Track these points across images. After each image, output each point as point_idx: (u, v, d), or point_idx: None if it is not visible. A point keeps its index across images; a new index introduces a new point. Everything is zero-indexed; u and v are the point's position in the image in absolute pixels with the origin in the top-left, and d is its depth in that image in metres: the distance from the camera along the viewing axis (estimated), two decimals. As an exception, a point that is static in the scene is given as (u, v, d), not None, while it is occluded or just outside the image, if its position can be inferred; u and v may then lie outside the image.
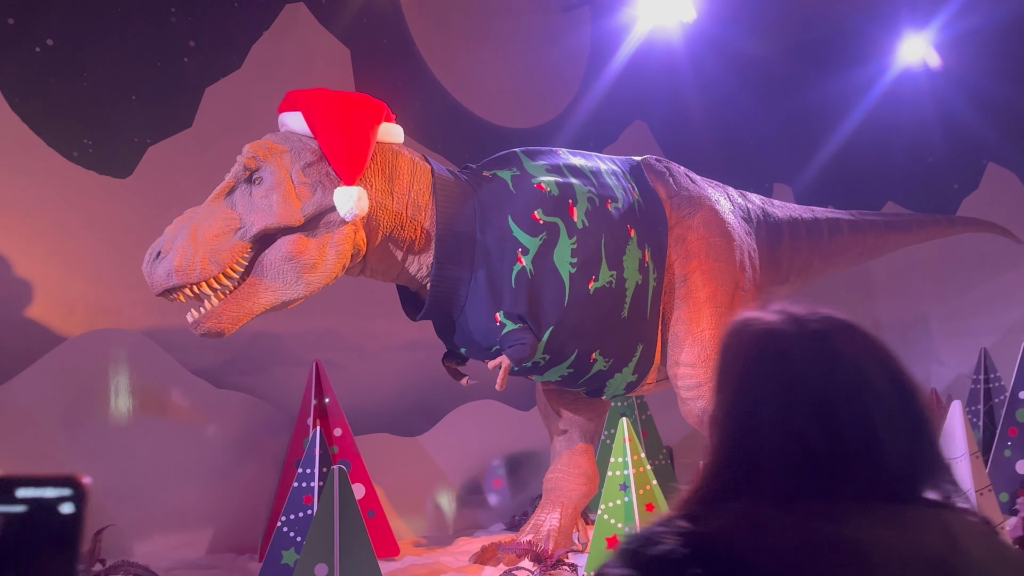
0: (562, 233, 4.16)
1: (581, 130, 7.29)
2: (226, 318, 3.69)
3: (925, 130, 9.24)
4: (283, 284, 3.76)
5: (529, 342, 4.04)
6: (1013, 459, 5.64)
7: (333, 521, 2.75)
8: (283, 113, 4.00)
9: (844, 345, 1.23)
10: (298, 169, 3.79)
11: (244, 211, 3.74)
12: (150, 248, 3.69)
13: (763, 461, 1.18)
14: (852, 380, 1.20)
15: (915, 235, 6.56)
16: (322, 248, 3.78)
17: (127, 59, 5.11)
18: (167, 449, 4.97)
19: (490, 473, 6.13)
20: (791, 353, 1.22)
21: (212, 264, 3.60)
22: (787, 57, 9.11)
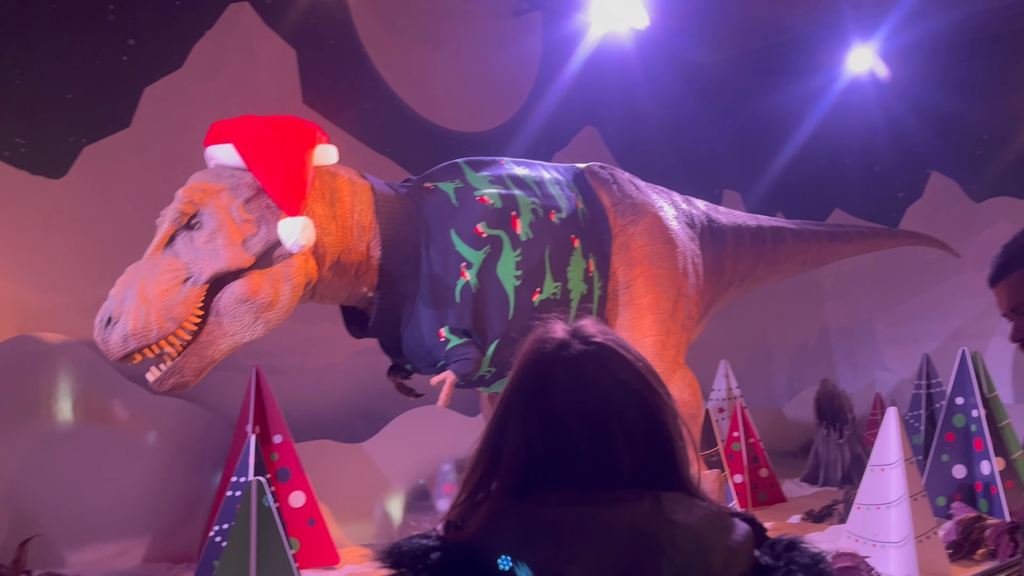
0: (506, 246, 4.14)
1: (532, 135, 7.28)
2: (188, 371, 3.61)
3: (872, 139, 9.40)
4: (241, 327, 3.67)
5: (474, 356, 4.02)
6: (950, 464, 5.74)
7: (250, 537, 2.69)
8: (211, 146, 3.84)
9: (591, 368, 1.40)
10: (238, 206, 3.68)
11: (189, 259, 3.61)
12: (99, 315, 3.53)
13: (503, 461, 1.39)
14: (591, 399, 1.38)
15: (857, 246, 6.66)
16: (276, 284, 3.69)
17: (63, 56, 4.98)
18: (102, 457, 4.85)
19: (435, 480, 6.08)
20: (545, 371, 1.42)
21: (168, 321, 3.49)
22: (738, 65, 9.20)
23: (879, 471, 4.24)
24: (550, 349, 1.44)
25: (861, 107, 9.35)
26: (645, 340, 4.55)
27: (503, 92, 7.26)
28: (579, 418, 1.36)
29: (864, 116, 9.38)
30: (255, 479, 2.83)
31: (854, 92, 9.20)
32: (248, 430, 4.94)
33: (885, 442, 4.22)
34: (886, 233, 7.10)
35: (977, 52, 8.79)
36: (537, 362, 1.44)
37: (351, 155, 4.97)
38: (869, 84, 9.15)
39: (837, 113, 9.29)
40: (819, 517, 5.87)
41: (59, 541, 4.67)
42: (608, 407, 1.37)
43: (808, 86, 9.19)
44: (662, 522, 1.31)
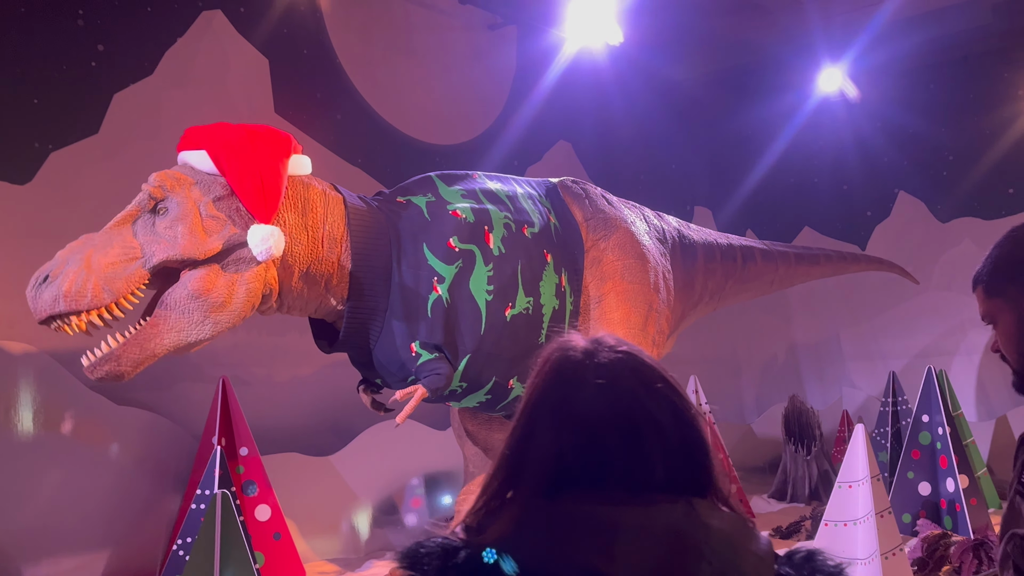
0: (478, 260, 4.12)
1: (505, 149, 7.29)
2: (125, 360, 3.46)
3: (841, 158, 9.52)
4: (188, 323, 3.55)
5: (445, 372, 3.99)
6: (916, 481, 5.79)
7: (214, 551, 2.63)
8: (184, 152, 3.78)
9: (624, 376, 1.41)
10: (207, 202, 3.62)
11: (145, 241, 3.52)
12: (37, 272, 3.41)
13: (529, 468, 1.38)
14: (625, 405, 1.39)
15: (823, 268, 6.75)
16: (231, 286, 3.59)
17: (29, 61, 4.90)
18: (62, 468, 4.75)
19: (403, 493, 6.03)
20: (574, 380, 1.42)
21: (104, 292, 3.35)
22: (711, 83, 9.29)
23: (846, 488, 4.26)
24: (577, 357, 1.43)
25: (831, 127, 9.48)
26: (616, 355, 4.55)
27: (477, 105, 7.27)
28: (613, 424, 1.37)
29: (833, 136, 9.51)
30: (220, 491, 2.77)
31: (824, 112, 9.33)
32: (214, 442, 4.87)
33: (853, 459, 4.24)
34: (851, 257, 7.23)
35: (943, 74, 8.95)
36: (563, 371, 1.43)
37: (323, 165, 4.93)
38: (839, 104, 9.28)
39: (807, 132, 9.41)
40: (787, 533, 5.89)
41: (16, 555, 4.56)
42: (643, 413, 1.38)
43: (779, 105, 9.30)
44: (698, 526, 1.32)
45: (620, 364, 1.42)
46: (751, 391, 9.43)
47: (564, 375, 1.42)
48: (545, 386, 1.43)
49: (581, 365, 1.42)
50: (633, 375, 1.41)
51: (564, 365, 1.43)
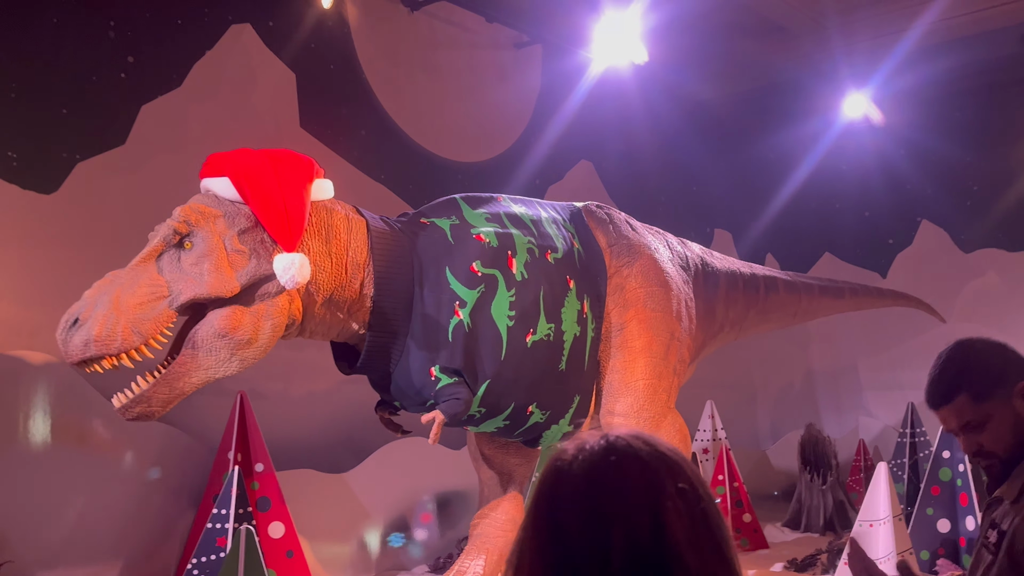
0: (500, 285, 4.09)
1: (528, 168, 7.28)
2: (156, 401, 3.47)
3: (865, 185, 9.46)
4: (216, 362, 3.55)
5: (464, 397, 3.95)
6: (935, 518, 5.72)
7: (235, 587, 2.63)
8: (207, 179, 3.74)
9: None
10: (232, 236, 3.58)
11: (172, 278, 3.50)
12: (67, 314, 3.38)
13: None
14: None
15: (847, 302, 6.67)
16: (257, 322, 3.57)
17: (60, 71, 4.93)
18: (80, 479, 4.75)
19: (416, 513, 6.00)
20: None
21: (134, 335, 3.35)
22: (735, 105, 9.26)
23: (867, 526, 4.21)
24: (566, 458, 1.29)
25: (854, 152, 9.42)
26: (638, 384, 4.51)
27: (501, 124, 7.26)
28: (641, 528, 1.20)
29: (857, 162, 9.46)
30: (244, 527, 2.75)
31: (848, 137, 9.27)
32: (230, 457, 4.87)
33: (875, 498, 4.19)
34: (875, 292, 7.11)
35: (970, 102, 8.89)
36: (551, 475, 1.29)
37: (346, 181, 4.94)
38: (863, 130, 9.22)
39: (831, 157, 9.36)
40: (802, 566, 5.82)
41: (33, 564, 4.56)
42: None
43: (803, 129, 9.26)
44: None
45: (611, 468, 1.25)
46: (766, 417, 9.36)
47: (550, 486, 1.27)
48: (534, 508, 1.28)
49: (567, 471, 1.26)
50: (624, 482, 1.23)
51: (552, 470, 1.29)
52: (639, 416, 4.50)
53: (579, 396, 4.45)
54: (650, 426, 4.50)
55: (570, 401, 4.42)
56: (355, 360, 4.12)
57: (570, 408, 4.44)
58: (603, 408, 4.58)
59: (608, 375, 4.56)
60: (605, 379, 4.56)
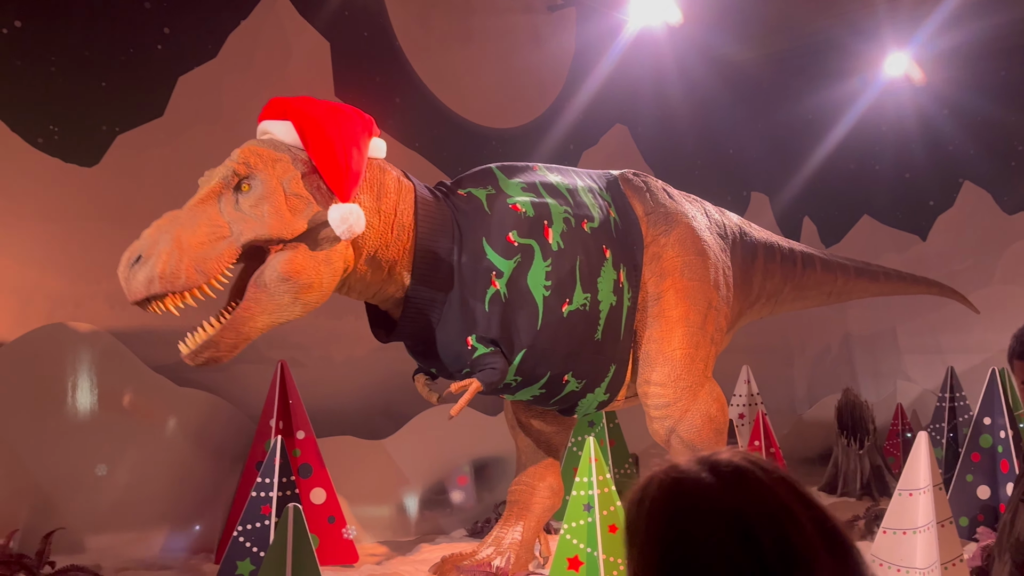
0: (536, 255, 4.09)
1: (562, 133, 7.23)
2: (223, 346, 3.48)
3: (905, 145, 9.28)
4: (279, 306, 3.57)
5: (500, 367, 3.98)
6: (975, 484, 5.68)
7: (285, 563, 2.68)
8: (267, 121, 3.75)
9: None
10: (291, 180, 3.59)
11: (232, 219, 3.49)
12: (127, 252, 3.36)
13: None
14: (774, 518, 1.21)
15: (882, 286, 6.60)
16: (317, 266, 3.60)
17: (98, 44, 4.96)
18: (125, 446, 4.87)
19: (454, 478, 6.07)
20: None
21: (198, 273, 3.33)
22: (772, 66, 9.09)
23: (907, 496, 4.19)
24: (690, 476, 1.26)
25: (894, 113, 9.23)
26: (675, 353, 4.51)
27: (535, 89, 7.20)
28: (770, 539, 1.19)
29: (897, 122, 9.27)
30: (292, 506, 2.81)
31: (888, 97, 9.08)
32: (271, 424, 4.95)
33: (915, 467, 4.16)
34: (911, 278, 7.00)
35: (1016, 60, 8.65)
36: (675, 498, 1.24)
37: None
38: (904, 89, 9.02)
39: (870, 118, 9.18)
40: (839, 532, 5.82)
41: (79, 527, 4.70)
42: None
43: (841, 89, 9.07)
44: None
45: (737, 484, 1.24)
46: (803, 382, 9.31)
47: (676, 508, 1.23)
48: (654, 522, 1.24)
49: (696, 487, 1.24)
50: (754, 497, 1.23)
51: (676, 493, 1.24)
52: (676, 385, 4.50)
53: (615, 366, 4.46)
54: (687, 395, 4.50)
55: (606, 370, 4.43)
56: (392, 328, 4.15)
57: (606, 377, 4.45)
58: (640, 378, 4.59)
59: (645, 345, 4.56)
60: (642, 349, 4.57)
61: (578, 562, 4.04)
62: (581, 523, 4.08)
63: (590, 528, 4.05)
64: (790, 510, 1.23)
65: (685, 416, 4.51)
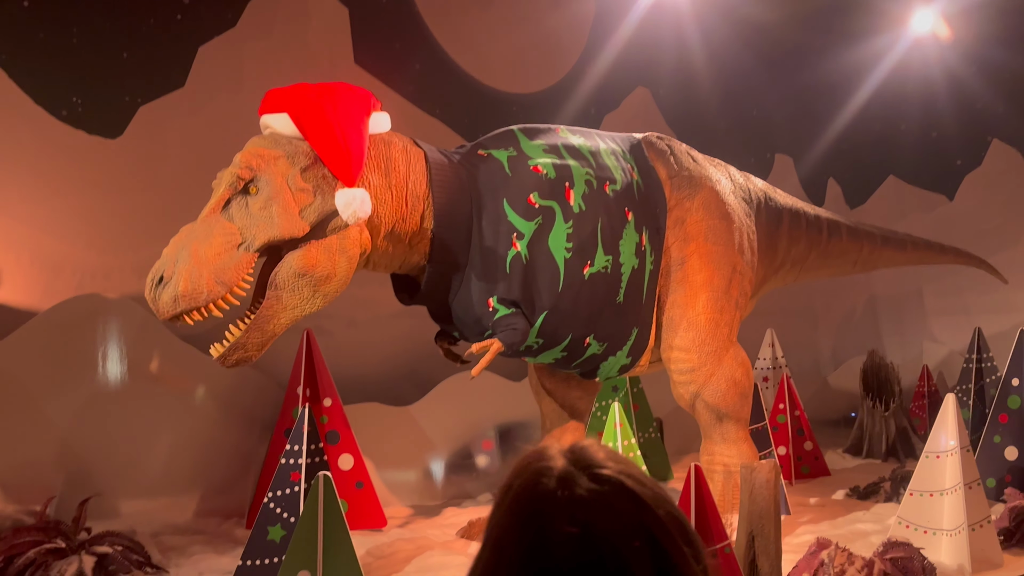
0: (558, 217, 4.08)
1: (583, 97, 7.16)
2: (251, 346, 3.62)
3: (932, 104, 9.11)
4: (300, 300, 3.66)
5: (521, 327, 3.99)
6: (1002, 445, 5.65)
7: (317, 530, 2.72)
8: (266, 115, 3.78)
9: (602, 522, 1.11)
10: (295, 175, 3.64)
11: (243, 224, 3.58)
12: (151, 272, 3.50)
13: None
14: (598, 561, 1.09)
15: (909, 255, 6.52)
16: (332, 256, 3.66)
17: (118, 15, 4.97)
18: (156, 414, 4.95)
19: (480, 443, 6.13)
20: (543, 522, 1.12)
21: (219, 285, 3.47)
22: (795, 25, 8.92)
23: (934, 458, 4.18)
24: (550, 487, 1.13)
25: (921, 71, 9.05)
26: (699, 318, 4.50)
27: (555, 53, 7.13)
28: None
29: (923, 80, 9.09)
30: (322, 475, 2.84)
31: (914, 55, 8.90)
32: (299, 392, 5.00)
33: (942, 429, 4.15)
34: (938, 247, 6.88)
35: (1047, 14, 8.45)
36: (532, 506, 1.13)
37: (401, 117, 4.92)
38: (930, 46, 8.84)
39: (895, 77, 9.01)
40: (864, 494, 5.82)
41: (113, 493, 4.80)
42: (619, 569, 1.08)
43: (866, 49, 8.90)
44: None
45: (601, 501, 1.12)
46: (828, 344, 9.27)
47: (532, 513, 1.12)
48: (509, 525, 1.14)
49: (554, 500, 1.12)
50: (616, 518, 1.11)
51: (534, 497, 1.13)
52: (701, 351, 4.50)
53: (637, 329, 4.46)
54: (712, 360, 4.50)
55: (628, 334, 4.43)
56: (415, 291, 4.17)
57: (628, 341, 4.45)
58: (664, 343, 4.59)
59: (669, 310, 4.55)
60: (666, 314, 4.56)
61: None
62: (607, 487, 4.11)
63: (616, 492, 4.08)
64: (652, 540, 1.11)
65: (710, 381, 4.51)
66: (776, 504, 3.62)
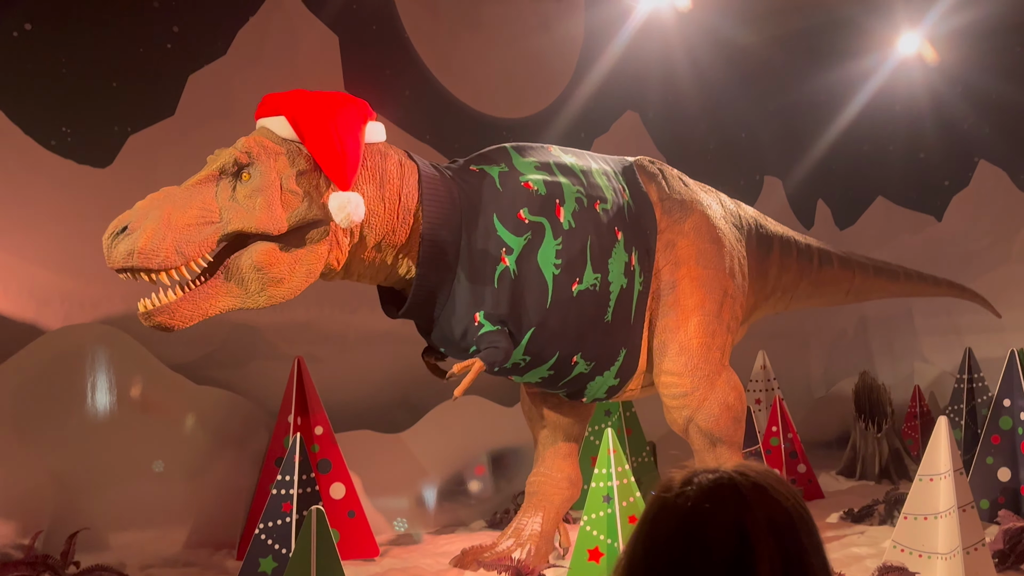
0: (547, 233, 4.08)
1: (572, 120, 7.20)
2: (179, 315, 3.47)
3: (919, 125, 9.19)
4: (245, 292, 3.58)
5: (504, 346, 3.95)
6: (995, 467, 5.65)
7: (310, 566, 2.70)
8: (263, 119, 3.77)
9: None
10: (290, 176, 3.60)
11: (224, 206, 3.51)
12: (116, 220, 3.40)
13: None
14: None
15: (901, 286, 6.50)
16: (293, 264, 3.61)
17: (108, 44, 4.97)
18: (145, 445, 4.91)
19: (472, 470, 6.09)
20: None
21: (176, 254, 3.36)
22: (782, 48, 9.00)
23: (927, 481, 4.17)
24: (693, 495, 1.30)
25: (907, 92, 9.14)
26: (691, 342, 4.50)
27: (544, 77, 7.17)
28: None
29: (910, 101, 9.18)
30: (315, 508, 2.82)
31: (900, 76, 8.98)
32: (290, 421, 4.97)
33: (935, 452, 4.15)
34: (931, 279, 6.83)
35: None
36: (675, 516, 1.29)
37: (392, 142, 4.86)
38: (916, 68, 8.93)
39: (882, 98, 9.09)
40: (858, 517, 5.81)
41: (102, 526, 4.74)
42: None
43: (853, 70, 8.98)
44: None
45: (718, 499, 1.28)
46: (819, 365, 9.28)
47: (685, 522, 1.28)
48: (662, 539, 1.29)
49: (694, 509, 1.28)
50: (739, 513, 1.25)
51: (673, 511, 1.30)
52: (693, 375, 4.49)
53: (625, 350, 4.44)
54: (704, 384, 4.49)
55: (616, 354, 4.42)
56: (401, 305, 4.13)
57: (616, 361, 4.43)
58: (656, 367, 4.58)
59: (661, 334, 4.54)
60: (658, 338, 4.55)
61: (598, 553, 4.06)
62: (601, 514, 4.09)
63: (610, 519, 4.06)
64: (746, 540, 1.22)
65: (703, 405, 4.50)
66: (771, 530, 3.60)
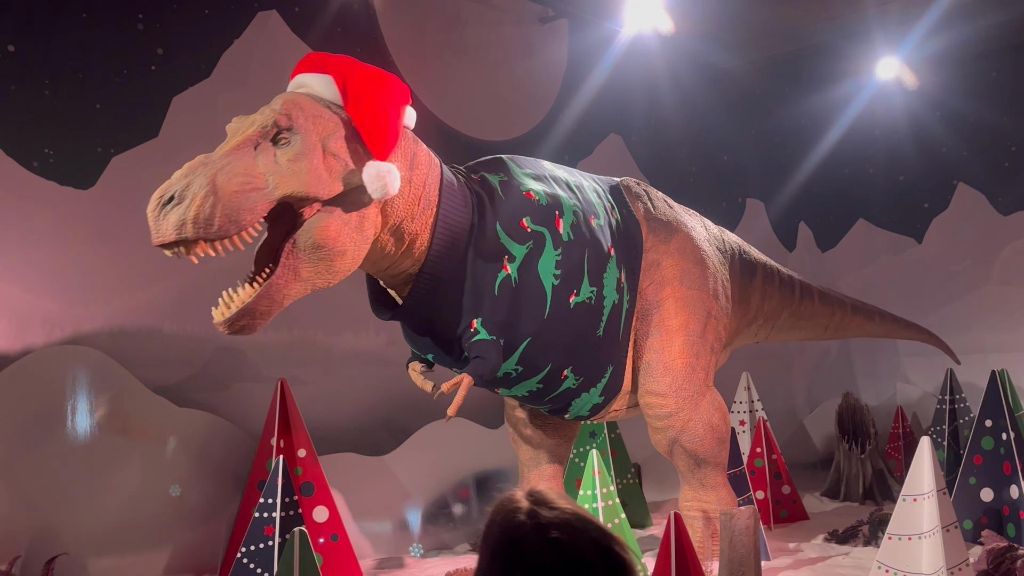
0: (548, 243, 4.08)
1: (556, 143, 7.24)
2: (260, 312, 3.33)
3: (898, 149, 9.32)
4: (314, 273, 3.44)
5: (492, 359, 3.90)
6: (977, 487, 5.68)
7: (293, 589, 2.68)
8: (304, 74, 3.64)
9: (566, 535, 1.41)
10: (331, 139, 3.44)
11: (268, 171, 3.28)
12: (159, 190, 3.14)
13: None
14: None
15: (876, 326, 6.63)
16: (351, 233, 3.48)
17: (91, 66, 4.96)
18: (126, 468, 4.85)
19: (457, 492, 6.06)
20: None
21: (231, 223, 3.13)
22: (764, 72, 9.12)
23: (911, 501, 4.18)
24: (521, 518, 1.43)
25: (887, 116, 9.27)
26: (675, 363, 4.51)
27: (528, 100, 7.22)
28: None
29: (890, 125, 9.30)
30: (298, 530, 2.79)
31: (880, 101, 9.12)
32: (273, 444, 4.93)
33: (918, 472, 4.16)
34: (903, 323, 7.00)
35: (1006, 61, 8.70)
36: (510, 532, 1.42)
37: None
38: (896, 93, 9.07)
39: (862, 122, 9.22)
40: (843, 538, 5.81)
41: (81, 551, 4.67)
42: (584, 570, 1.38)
43: (833, 94, 9.11)
44: None
45: (562, 521, 1.42)
46: (803, 386, 9.32)
47: (511, 541, 1.41)
48: (493, 555, 1.43)
49: (526, 528, 1.41)
50: (575, 532, 1.41)
51: (511, 529, 1.42)
52: (677, 396, 4.49)
53: (612, 367, 4.45)
54: (689, 406, 4.50)
55: (603, 370, 4.41)
56: (391, 309, 4.03)
57: (603, 378, 4.43)
58: (640, 387, 4.59)
59: (646, 355, 4.55)
60: (643, 358, 4.56)
61: (584, 575, 4.03)
62: (586, 536, 4.06)
63: (595, 541, 4.04)
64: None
65: (687, 426, 4.50)
66: (756, 551, 3.60)
